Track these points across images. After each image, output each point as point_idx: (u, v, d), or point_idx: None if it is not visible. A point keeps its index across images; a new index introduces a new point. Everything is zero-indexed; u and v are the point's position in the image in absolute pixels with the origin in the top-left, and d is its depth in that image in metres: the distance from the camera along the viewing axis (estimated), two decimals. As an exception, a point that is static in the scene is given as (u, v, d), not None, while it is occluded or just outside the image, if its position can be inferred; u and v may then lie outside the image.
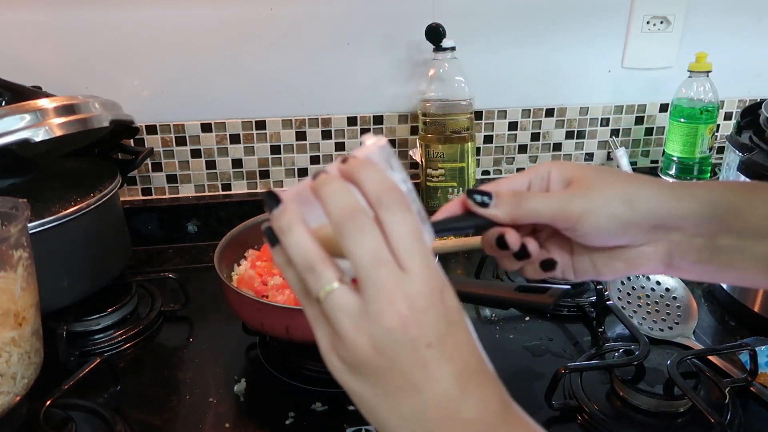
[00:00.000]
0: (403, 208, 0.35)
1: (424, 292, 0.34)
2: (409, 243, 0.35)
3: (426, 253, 0.35)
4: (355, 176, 0.36)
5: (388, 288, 0.34)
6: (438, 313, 0.35)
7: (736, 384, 0.68)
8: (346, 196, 0.35)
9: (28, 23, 0.95)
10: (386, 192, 0.35)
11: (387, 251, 0.34)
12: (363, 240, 0.34)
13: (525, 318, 0.84)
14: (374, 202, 0.35)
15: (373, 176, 0.36)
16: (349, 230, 0.34)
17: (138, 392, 0.72)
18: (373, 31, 1.03)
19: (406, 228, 0.35)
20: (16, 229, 0.55)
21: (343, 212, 0.35)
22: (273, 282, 0.77)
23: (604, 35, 1.09)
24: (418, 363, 0.34)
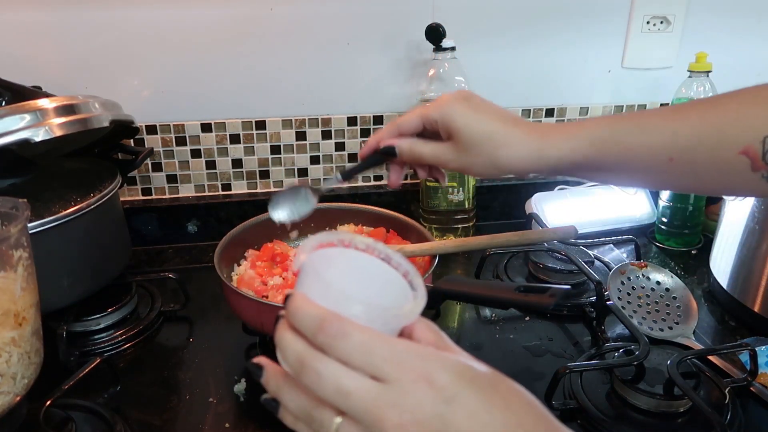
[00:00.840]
0: (342, 334, 0.35)
1: (406, 392, 0.34)
2: (366, 357, 0.35)
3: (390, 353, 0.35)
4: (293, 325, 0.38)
5: (370, 410, 0.34)
6: (431, 402, 0.34)
7: (736, 384, 0.68)
8: (293, 348, 0.37)
9: (28, 23, 0.95)
10: (319, 330, 0.36)
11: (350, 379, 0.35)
12: (323, 384, 0.35)
13: (525, 318, 0.84)
14: (316, 344, 0.36)
15: (304, 321, 0.37)
16: (308, 382, 0.36)
17: (138, 392, 0.72)
18: (373, 31, 1.03)
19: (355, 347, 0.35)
20: (16, 229, 0.55)
21: (296, 365, 0.37)
22: (273, 282, 0.77)
23: (604, 35, 1.09)
24: None
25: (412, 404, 0.34)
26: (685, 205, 1.02)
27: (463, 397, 0.34)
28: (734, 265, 0.84)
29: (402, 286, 0.41)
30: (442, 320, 0.84)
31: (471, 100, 0.60)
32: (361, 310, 0.37)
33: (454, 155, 0.60)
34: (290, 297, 0.38)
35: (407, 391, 0.34)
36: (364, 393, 0.35)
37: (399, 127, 0.63)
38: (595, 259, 0.93)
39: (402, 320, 0.38)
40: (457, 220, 1.03)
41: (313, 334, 0.36)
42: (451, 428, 0.34)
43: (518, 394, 0.37)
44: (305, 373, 0.36)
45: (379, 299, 0.39)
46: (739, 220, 0.83)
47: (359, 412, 0.35)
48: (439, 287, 0.67)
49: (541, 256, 0.93)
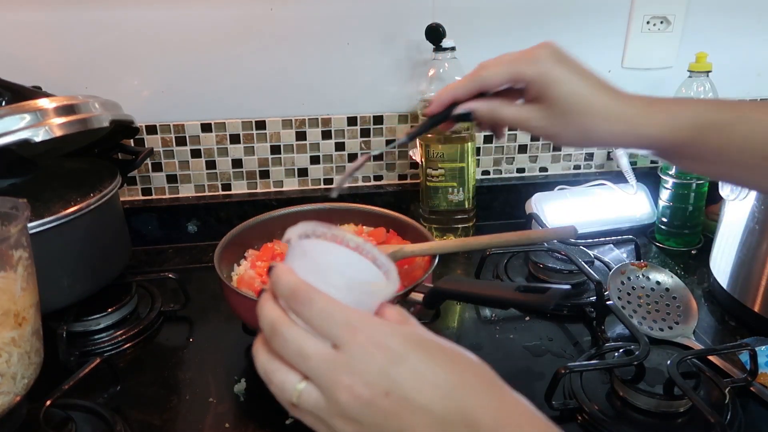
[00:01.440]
0: (308, 300, 0.38)
1: (358, 355, 0.37)
2: (325, 322, 0.37)
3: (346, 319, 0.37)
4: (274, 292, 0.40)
5: (325, 373, 0.37)
6: (380, 363, 0.36)
7: (736, 384, 0.68)
8: (267, 314, 0.39)
9: (28, 23, 0.95)
10: (290, 295, 0.39)
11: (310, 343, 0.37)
12: (288, 348, 0.38)
13: (525, 318, 0.84)
14: (286, 308, 0.39)
15: (280, 286, 0.39)
16: (276, 346, 0.39)
17: (138, 392, 0.72)
18: (373, 31, 1.03)
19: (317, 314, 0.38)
20: (16, 229, 0.55)
21: (268, 329, 0.39)
22: (273, 282, 0.77)
23: (604, 35, 1.09)
24: (389, 415, 0.36)
25: (361, 367, 0.36)
26: (685, 205, 1.02)
27: (409, 359, 0.37)
28: (734, 265, 0.84)
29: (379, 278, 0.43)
30: (442, 320, 0.84)
31: (568, 61, 0.54)
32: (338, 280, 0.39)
33: (543, 121, 0.54)
34: (274, 267, 0.40)
35: (358, 355, 0.36)
36: (321, 357, 0.37)
37: (481, 84, 0.56)
38: (595, 259, 0.93)
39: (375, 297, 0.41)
40: (457, 220, 1.03)
41: (286, 300, 0.39)
42: (397, 387, 0.36)
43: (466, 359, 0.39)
44: (275, 337, 0.38)
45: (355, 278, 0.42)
46: (739, 220, 0.83)
47: (317, 375, 0.37)
48: (439, 287, 0.67)
49: (541, 256, 0.93)
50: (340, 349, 0.37)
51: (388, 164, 1.12)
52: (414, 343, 0.37)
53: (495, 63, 0.56)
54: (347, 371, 0.36)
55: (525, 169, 1.17)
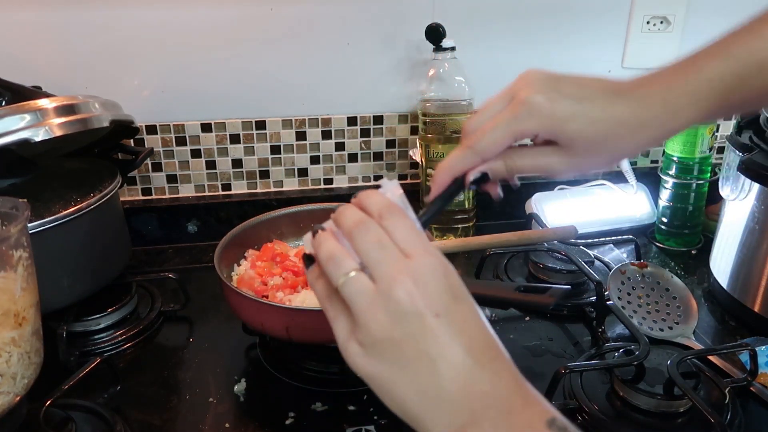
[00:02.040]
0: (400, 215, 0.42)
1: (426, 267, 0.39)
2: (408, 236, 0.40)
3: (425, 242, 0.40)
4: (362, 203, 0.43)
5: (393, 267, 0.38)
6: (442, 287, 0.39)
7: (736, 384, 0.68)
8: (354, 213, 0.42)
9: (28, 23, 0.95)
10: (385, 208, 0.42)
11: (389, 241, 0.40)
12: (367, 235, 0.40)
13: (525, 318, 0.84)
14: (376, 216, 0.42)
15: (375, 199, 0.43)
16: (356, 233, 0.41)
17: (138, 392, 0.72)
18: (373, 31, 1.03)
19: (404, 227, 0.41)
20: (16, 229, 0.55)
21: (351, 222, 0.41)
22: (273, 282, 0.77)
23: (604, 35, 1.09)
24: (429, 332, 0.37)
25: (426, 280, 0.38)
26: (685, 205, 1.02)
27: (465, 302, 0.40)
28: (734, 265, 0.84)
29: None
30: (442, 320, 0.84)
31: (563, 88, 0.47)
32: None
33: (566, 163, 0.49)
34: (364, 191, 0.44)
35: (428, 271, 0.39)
36: (395, 254, 0.39)
37: (482, 156, 0.49)
38: (595, 259, 0.93)
39: None
40: (457, 220, 1.03)
41: (378, 209, 0.42)
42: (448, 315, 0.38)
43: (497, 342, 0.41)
44: (359, 225, 0.41)
45: None
46: (739, 220, 0.83)
47: (383, 265, 0.39)
48: (439, 287, 0.67)
49: (541, 256, 0.93)
50: (412, 258, 0.39)
51: (388, 164, 1.12)
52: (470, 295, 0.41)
53: (490, 128, 0.48)
54: (414, 275, 0.38)
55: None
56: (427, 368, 0.37)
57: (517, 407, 0.37)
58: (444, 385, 0.37)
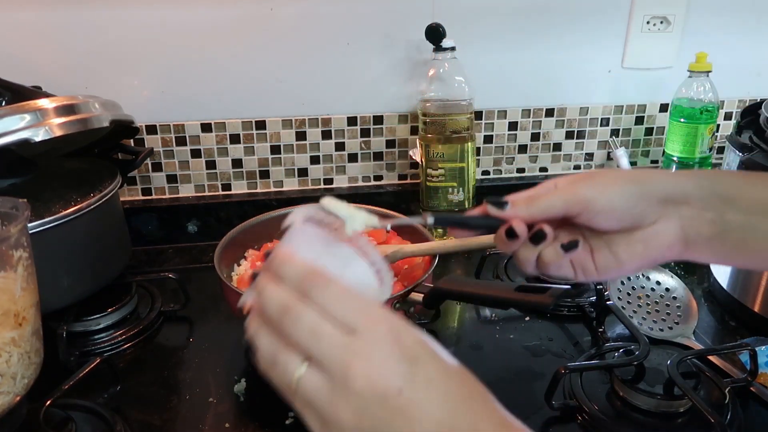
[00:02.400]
0: (324, 284, 0.38)
1: (376, 344, 0.36)
2: (342, 308, 0.37)
3: (364, 307, 0.37)
4: (278, 275, 0.39)
5: (339, 356, 0.36)
6: (396, 358, 0.36)
7: (736, 384, 0.68)
8: (276, 296, 0.38)
9: (28, 23, 0.95)
10: (305, 280, 0.38)
11: (325, 324, 0.36)
12: (299, 326, 0.37)
13: (525, 318, 0.84)
14: (300, 292, 0.38)
15: (290, 270, 0.39)
16: (286, 325, 0.37)
17: (138, 392, 0.72)
18: (373, 31, 1.03)
19: (335, 297, 0.37)
20: (16, 229, 0.55)
21: (276, 310, 0.38)
22: (273, 282, 0.77)
23: (604, 35, 1.09)
24: (396, 413, 0.35)
25: (378, 357, 0.35)
26: (685, 205, 1.02)
27: (424, 362, 0.36)
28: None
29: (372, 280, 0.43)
30: (442, 320, 0.84)
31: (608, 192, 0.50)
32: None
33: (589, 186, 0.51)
34: (276, 250, 0.40)
35: (378, 345, 0.36)
36: (336, 339, 0.36)
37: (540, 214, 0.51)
38: (595, 259, 0.93)
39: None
40: (457, 220, 1.03)
41: (298, 283, 0.38)
42: (411, 387, 0.35)
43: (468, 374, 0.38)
44: (285, 316, 0.37)
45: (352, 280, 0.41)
46: (739, 220, 0.82)
47: (327, 356, 0.36)
48: (439, 287, 0.68)
49: (541, 256, 0.93)
50: (357, 336, 0.36)
51: (388, 164, 1.12)
52: (429, 350, 0.37)
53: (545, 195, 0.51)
54: (364, 358, 0.35)
55: (525, 169, 1.17)
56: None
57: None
58: None
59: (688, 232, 0.50)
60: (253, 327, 0.40)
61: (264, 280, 0.40)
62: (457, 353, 0.76)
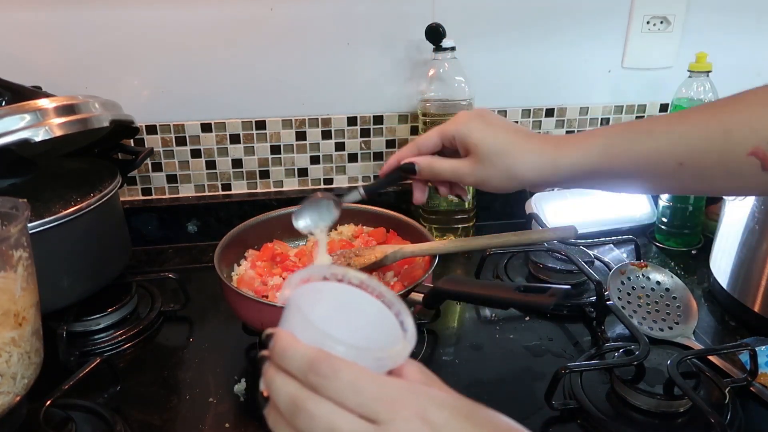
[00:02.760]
0: (332, 372, 0.35)
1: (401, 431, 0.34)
2: (357, 396, 0.35)
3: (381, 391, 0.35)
4: (282, 366, 0.37)
5: None
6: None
7: (736, 384, 0.68)
8: (285, 390, 0.36)
9: (28, 23, 0.95)
10: (309, 371, 0.36)
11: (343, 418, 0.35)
12: (317, 425, 0.35)
13: (525, 318, 0.84)
14: (306, 384, 0.36)
15: (293, 361, 0.36)
16: (302, 421, 0.35)
17: (138, 392, 0.72)
18: (373, 31, 1.03)
19: (345, 386, 0.35)
20: (16, 229, 0.55)
21: (288, 408, 0.36)
22: (273, 282, 0.77)
23: (604, 35, 1.09)
24: None
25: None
26: (685, 205, 1.02)
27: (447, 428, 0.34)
28: (734, 265, 0.84)
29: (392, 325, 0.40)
30: (442, 320, 0.84)
31: (486, 116, 0.62)
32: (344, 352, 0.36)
33: (471, 170, 0.61)
34: (275, 336, 0.38)
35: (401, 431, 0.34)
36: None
37: (418, 146, 0.65)
38: (595, 259, 0.93)
39: (389, 362, 0.38)
40: (457, 220, 1.03)
41: (303, 374, 0.36)
42: None
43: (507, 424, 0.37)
44: (298, 414, 0.35)
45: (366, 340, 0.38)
46: (739, 220, 0.83)
47: None
48: (439, 287, 0.67)
49: (541, 256, 0.93)
50: (380, 425, 0.34)
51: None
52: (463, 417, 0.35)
53: (429, 131, 0.65)
54: None
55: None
56: None
57: None
58: None
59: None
60: (272, 420, 0.38)
61: (270, 371, 0.38)
62: (457, 353, 0.76)
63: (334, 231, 0.92)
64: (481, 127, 0.61)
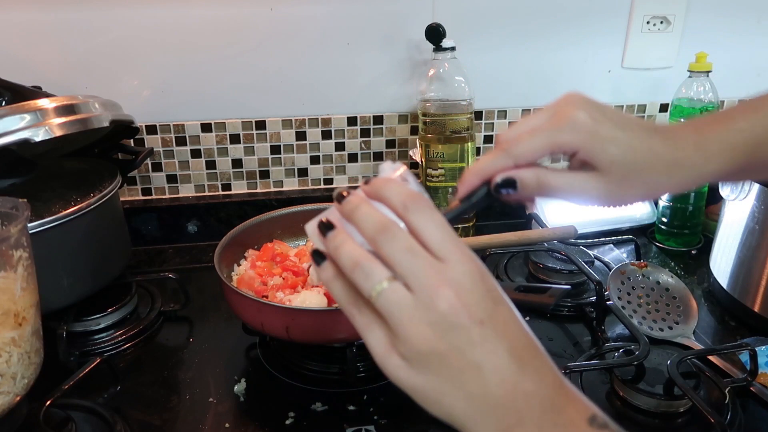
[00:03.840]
0: (428, 209, 0.39)
1: (465, 275, 0.37)
2: (439, 236, 0.38)
3: (458, 242, 0.38)
4: (380, 193, 0.40)
5: (430, 276, 0.37)
6: (482, 293, 0.37)
7: (736, 384, 0.68)
8: (375, 215, 0.39)
9: (28, 23, 0.95)
10: (409, 199, 0.39)
11: (420, 246, 0.38)
12: (396, 243, 0.38)
13: (525, 318, 0.84)
14: (401, 210, 0.39)
15: (395, 189, 0.40)
16: (383, 241, 0.38)
17: (138, 392, 0.72)
18: (373, 31, 1.03)
19: (434, 224, 0.38)
20: (16, 229, 0.55)
21: (374, 227, 0.38)
22: (273, 282, 0.77)
23: (604, 35, 1.09)
24: (474, 341, 0.36)
25: (468, 287, 0.37)
26: (685, 205, 1.02)
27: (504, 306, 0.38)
28: (734, 265, 0.84)
29: None
30: (442, 320, 0.83)
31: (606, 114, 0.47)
32: None
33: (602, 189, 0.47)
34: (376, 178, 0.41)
35: (467, 276, 0.37)
36: (428, 262, 0.37)
37: (514, 157, 0.47)
38: (595, 259, 0.93)
39: None
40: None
41: (402, 202, 0.39)
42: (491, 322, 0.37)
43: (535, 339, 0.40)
44: (383, 233, 0.38)
45: None
46: (739, 220, 0.83)
47: (420, 275, 0.37)
48: (439, 287, 0.67)
49: (541, 256, 0.93)
50: (448, 264, 0.37)
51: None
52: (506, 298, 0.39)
53: (528, 134, 0.47)
54: (454, 284, 0.36)
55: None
56: (474, 376, 0.36)
57: (559, 405, 0.37)
58: (491, 391, 0.36)
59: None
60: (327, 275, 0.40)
61: (359, 199, 0.40)
62: (457, 353, 0.76)
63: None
64: (615, 135, 0.46)
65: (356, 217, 0.40)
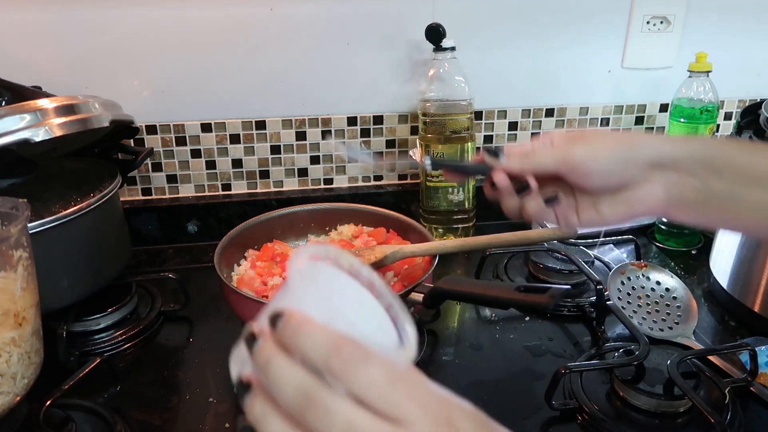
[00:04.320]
0: (360, 363, 0.31)
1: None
2: (385, 395, 0.31)
3: (412, 392, 0.31)
4: (293, 347, 0.32)
5: None
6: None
7: (736, 384, 0.68)
8: (293, 378, 0.31)
9: (28, 23, 0.95)
10: (334, 355, 0.31)
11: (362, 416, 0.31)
12: (333, 420, 0.30)
13: (525, 318, 0.84)
14: (327, 372, 0.31)
15: (311, 341, 0.32)
16: (311, 418, 0.31)
17: (138, 392, 0.72)
18: (373, 31, 1.03)
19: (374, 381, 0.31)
20: (16, 229, 0.55)
21: (296, 399, 0.31)
22: (273, 282, 0.77)
23: (604, 35, 1.09)
24: None
25: None
26: (685, 205, 1.02)
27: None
28: (734, 265, 0.84)
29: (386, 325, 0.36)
30: (442, 320, 0.84)
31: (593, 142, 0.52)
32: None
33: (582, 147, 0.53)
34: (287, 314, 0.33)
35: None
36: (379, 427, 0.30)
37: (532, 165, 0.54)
38: (595, 259, 0.93)
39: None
40: (457, 220, 1.03)
41: (324, 360, 0.31)
42: None
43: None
44: (311, 407, 0.31)
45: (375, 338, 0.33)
46: (739, 220, 0.82)
47: None
48: (439, 287, 0.68)
49: (541, 256, 0.93)
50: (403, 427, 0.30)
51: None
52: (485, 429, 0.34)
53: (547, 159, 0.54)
54: None
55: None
56: None
57: None
58: None
59: (672, 196, 0.52)
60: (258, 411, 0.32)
61: (270, 351, 0.33)
62: (457, 353, 0.76)
63: (334, 231, 0.92)
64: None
65: (273, 383, 0.32)
